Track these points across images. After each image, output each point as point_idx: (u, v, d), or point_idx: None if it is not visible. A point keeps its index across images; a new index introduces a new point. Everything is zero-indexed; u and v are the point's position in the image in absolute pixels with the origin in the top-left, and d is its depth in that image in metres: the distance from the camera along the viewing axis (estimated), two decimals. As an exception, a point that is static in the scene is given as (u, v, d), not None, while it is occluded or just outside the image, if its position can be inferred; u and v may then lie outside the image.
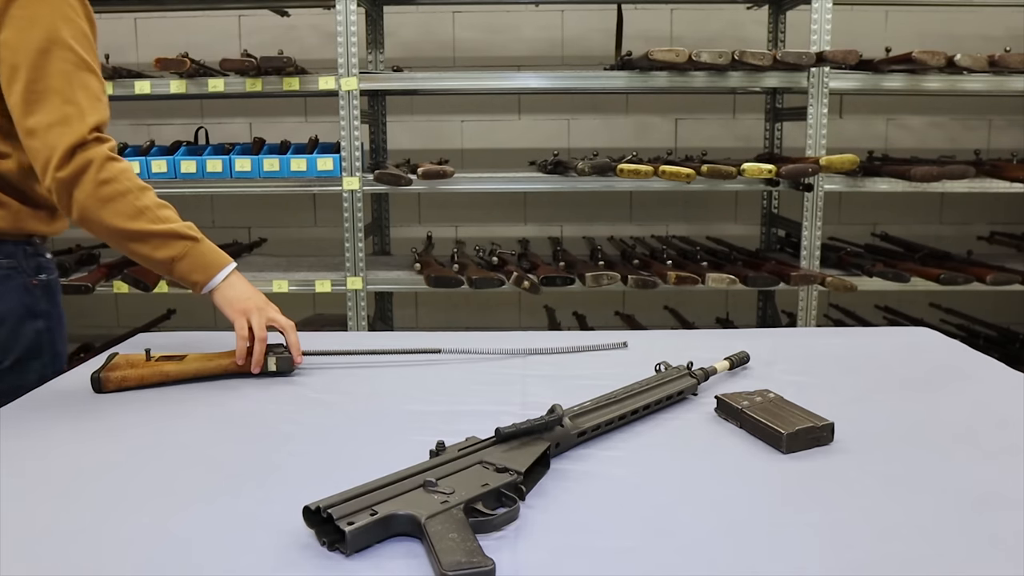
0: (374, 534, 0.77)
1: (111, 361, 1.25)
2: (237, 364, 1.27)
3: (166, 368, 1.24)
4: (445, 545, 0.73)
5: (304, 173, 2.74)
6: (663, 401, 1.13)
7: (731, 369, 1.28)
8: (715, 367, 1.24)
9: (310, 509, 0.77)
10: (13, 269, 1.37)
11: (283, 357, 1.28)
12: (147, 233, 1.29)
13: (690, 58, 2.60)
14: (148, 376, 1.23)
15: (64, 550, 0.77)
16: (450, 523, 0.77)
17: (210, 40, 3.32)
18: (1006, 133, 3.55)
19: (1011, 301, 3.30)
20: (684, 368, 1.19)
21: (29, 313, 1.39)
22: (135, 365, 1.24)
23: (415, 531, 0.77)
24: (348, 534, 0.74)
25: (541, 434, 0.94)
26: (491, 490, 0.83)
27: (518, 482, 0.85)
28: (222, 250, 1.39)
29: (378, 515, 0.77)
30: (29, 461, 0.96)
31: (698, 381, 1.19)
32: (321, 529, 0.77)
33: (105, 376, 1.21)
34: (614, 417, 1.05)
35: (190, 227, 1.35)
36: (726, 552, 0.75)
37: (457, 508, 0.79)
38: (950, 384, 1.23)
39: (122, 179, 1.28)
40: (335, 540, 0.76)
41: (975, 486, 0.88)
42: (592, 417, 1.02)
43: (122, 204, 1.27)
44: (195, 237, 1.35)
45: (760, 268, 2.85)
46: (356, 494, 0.79)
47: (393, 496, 0.80)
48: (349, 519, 0.76)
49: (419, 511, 0.78)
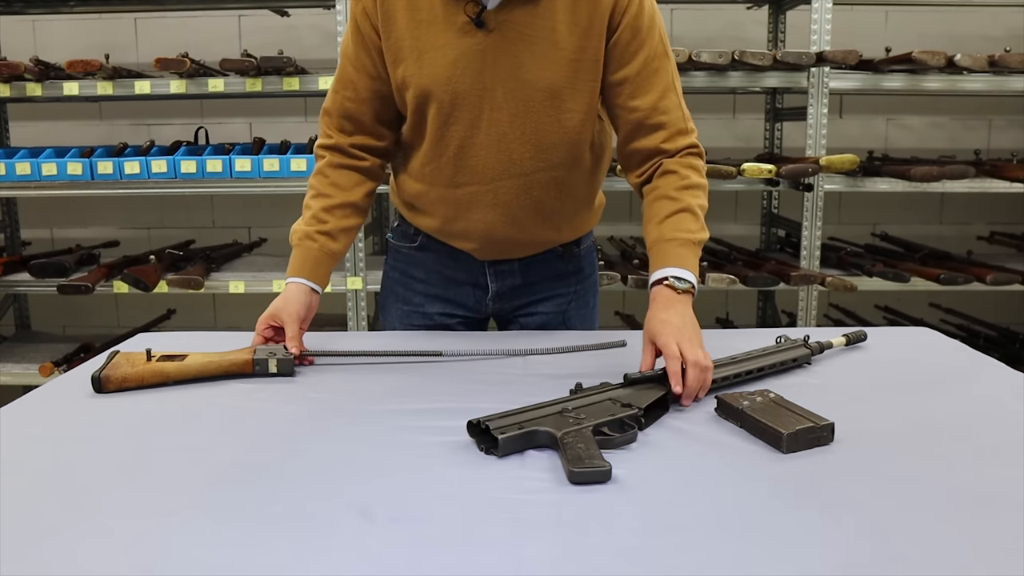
0: (520, 443, 0.97)
1: (112, 360, 1.25)
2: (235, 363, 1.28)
3: (166, 369, 1.24)
4: (574, 452, 0.92)
5: (304, 173, 2.73)
6: (777, 366, 1.25)
7: (847, 345, 1.38)
8: (831, 342, 1.35)
9: (472, 423, 1.00)
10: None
11: (284, 359, 1.28)
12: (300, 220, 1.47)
13: (690, 58, 2.60)
14: (148, 376, 1.23)
15: (65, 550, 0.77)
16: (579, 438, 0.95)
17: (210, 40, 3.32)
18: (1006, 133, 3.55)
19: (1011, 301, 3.30)
20: (801, 341, 1.31)
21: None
22: (135, 365, 1.23)
23: (552, 444, 0.97)
24: (500, 440, 0.96)
25: (662, 382, 1.12)
26: (616, 419, 1.02)
27: (638, 415, 1.04)
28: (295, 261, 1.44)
29: (524, 429, 0.98)
30: (29, 461, 0.96)
31: (812, 352, 1.30)
32: (480, 438, 0.99)
33: (106, 376, 1.21)
34: (729, 375, 1.19)
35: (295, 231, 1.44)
36: (726, 552, 0.75)
37: (586, 428, 0.98)
38: (950, 384, 1.23)
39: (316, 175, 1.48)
40: (490, 446, 0.97)
41: (975, 486, 0.88)
42: (720, 370, 1.17)
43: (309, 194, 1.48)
44: (292, 242, 1.45)
45: (760, 268, 2.85)
46: (509, 414, 1.01)
47: (537, 417, 1.01)
48: (502, 430, 0.97)
49: (556, 428, 0.98)
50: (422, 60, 1.32)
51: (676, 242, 1.29)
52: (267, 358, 1.28)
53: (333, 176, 1.45)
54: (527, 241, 1.50)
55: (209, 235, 3.51)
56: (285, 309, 1.35)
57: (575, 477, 0.89)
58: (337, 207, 1.43)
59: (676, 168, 1.35)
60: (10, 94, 2.79)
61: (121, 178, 2.75)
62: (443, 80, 1.32)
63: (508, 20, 1.28)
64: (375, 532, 0.79)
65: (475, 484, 0.89)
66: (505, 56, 1.30)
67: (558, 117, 1.35)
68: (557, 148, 1.38)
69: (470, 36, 1.29)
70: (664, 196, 1.33)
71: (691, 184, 1.34)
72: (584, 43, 1.30)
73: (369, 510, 0.83)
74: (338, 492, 0.88)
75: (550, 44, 1.29)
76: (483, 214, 1.43)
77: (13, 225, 3.40)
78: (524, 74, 1.31)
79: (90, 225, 3.60)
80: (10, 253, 3.23)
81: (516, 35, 1.29)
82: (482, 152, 1.37)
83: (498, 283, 1.54)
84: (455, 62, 1.31)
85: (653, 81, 1.33)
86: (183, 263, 3.00)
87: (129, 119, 3.51)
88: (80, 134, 3.47)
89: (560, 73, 1.31)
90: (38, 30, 3.46)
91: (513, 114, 1.34)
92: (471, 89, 1.32)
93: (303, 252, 1.41)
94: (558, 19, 1.28)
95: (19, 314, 3.51)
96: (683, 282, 1.24)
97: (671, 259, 1.27)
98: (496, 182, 1.39)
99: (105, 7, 3.33)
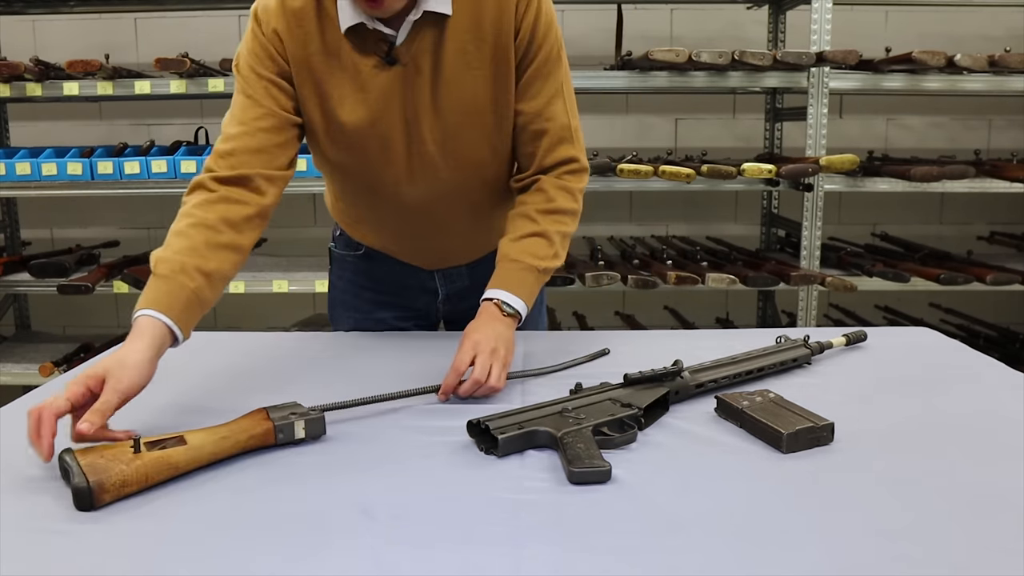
0: (520, 443, 0.98)
1: (83, 461, 0.87)
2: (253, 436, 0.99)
3: (174, 458, 0.91)
4: (574, 452, 0.92)
5: (304, 173, 2.73)
6: (776, 366, 1.26)
7: (847, 345, 1.38)
8: (831, 342, 1.35)
9: (472, 423, 1.00)
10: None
11: (312, 419, 1.02)
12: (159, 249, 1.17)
13: (690, 58, 2.60)
14: (154, 473, 0.89)
15: (65, 550, 0.77)
16: (579, 438, 0.96)
17: (210, 40, 3.32)
18: (1006, 133, 3.55)
19: (1011, 301, 3.30)
20: (801, 341, 1.31)
21: None
22: (127, 461, 0.88)
23: (552, 444, 0.98)
24: (500, 440, 0.96)
25: (663, 382, 1.12)
26: (615, 419, 1.02)
27: (638, 415, 1.04)
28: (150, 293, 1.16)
29: (524, 429, 0.98)
30: (29, 461, 0.96)
31: (812, 352, 1.31)
32: (480, 438, 0.99)
33: (98, 483, 0.84)
34: (729, 375, 1.19)
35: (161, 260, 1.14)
36: (726, 552, 0.75)
37: (586, 428, 0.98)
38: (950, 384, 1.23)
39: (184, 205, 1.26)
40: (490, 446, 0.97)
41: (975, 486, 0.88)
42: (709, 373, 1.17)
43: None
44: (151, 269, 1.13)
45: (760, 268, 2.85)
46: (509, 414, 1.01)
47: (537, 417, 1.01)
48: (502, 430, 0.97)
49: (556, 428, 0.98)
50: (342, 106, 1.29)
51: (519, 266, 1.28)
52: (291, 421, 1.00)
53: (223, 209, 1.21)
54: (472, 248, 1.52)
55: (209, 235, 3.50)
56: (119, 373, 0.99)
57: (575, 477, 0.89)
58: (224, 248, 1.17)
59: (547, 188, 1.33)
60: (10, 94, 2.79)
61: (121, 178, 2.75)
62: (367, 123, 1.29)
63: (419, 51, 1.26)
64: (376, 532, 0.79)
65: (475, 484, 0.89)
66: (422, 87, 1.28)
67: (485, 134, 1.34)
68: (489, 165, 1.38)
69: (385, 75, 1.27)
70: (525, 215, 1.32)
71: (556, 208, 1.32)
72: (495, 56, 1.28)
73: (370, 510, 0.83)
74: (339, 492, 0.88)
75: (463, 66, 1.27)
76: (424, 237, 1.46)
77: (13, 225, 3.40)
78: (443, 101, 1.29)
79: (90, 225, 3.60)
80: (10, 253, 3.23)
81: (429, 65, 1.27)
82: (416, 184, 1.36)
83: (447, 286, 1.55)
84: (375, 103, 1.28)
85: (541, 86, 1.31)
86: (183, 263, 3.00)
87: (129, 119, 3.51)
88: (80, 134, 3.47)
89: (479, 92, 1.30)
90: (38, 30, 3.46)
91: (440, 143, 1.32)
92: (395, 127, 1.30)
93: (175, 288, 1.09)
94: (465, 39, 1.26)
95: (19, 314, 3.51)
96: (510, 307, 1.25)
97: (509, 283, 1.27)
98: (432, 206, 1.40)
99: (105, 7, 3.33)
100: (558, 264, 1.32)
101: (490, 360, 1.16)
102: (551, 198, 1.33)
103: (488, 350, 1.17)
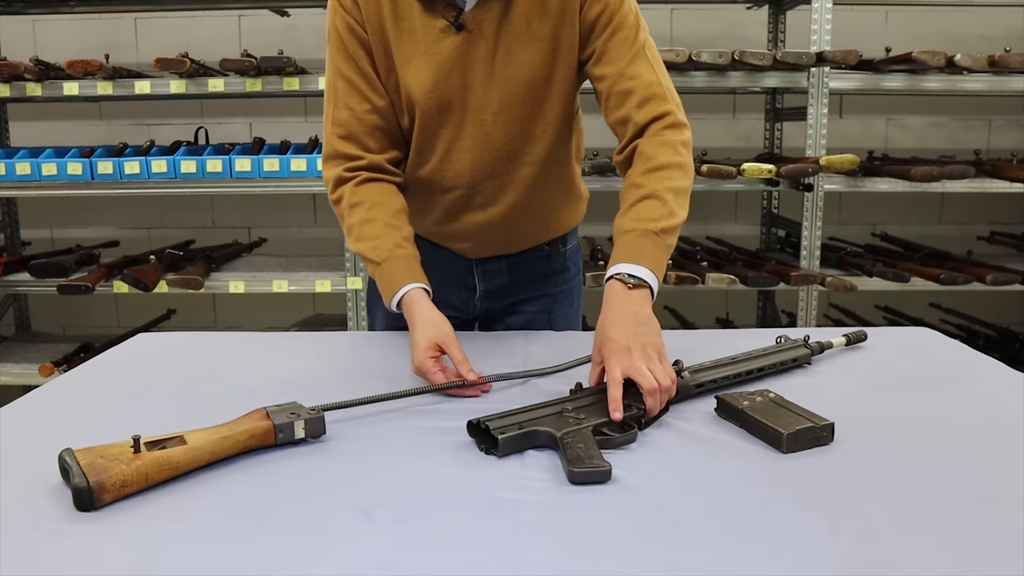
0: (520, 443, 0.98)
1: (84, 461, 0.87)
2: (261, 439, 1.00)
3: (174, 458, 0.91)
4: (574, 452, 0.92)
5: (304, 173, 2.74)
6: (776, 366, 1.25)
7: (848, 345, 1.38)
8: (831, 342, 1.35)
9: (472, 423, 1.00)
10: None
11: (312, 419, 1.02)
12: (356, 252, 1.36)
13: (690, 58, 2.60)
14: (154, 473, 0.89)
15: (65, 550, 0.77)
16: (579, 438, 0.96)
17: (210, 40, 3.32)
18: (1006, 133, 3.55)
19: (1011, 301, 3.30)
20: (801, 341, 1.31)
21: None
22: (128, 460, 0.88)
23: (552, 444, 0.98)
24: (500, 441, 0.96)
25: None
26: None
27: (638, 415, 1.04)
28: (394, 274, 1.30)
29: (524, 429, 0.98)
30: (29, 461, 0.96)
31: (812, 352, 1.31)
32: (480, 438, 0.99)
33: (98, 483, 0.84)
34: (729, 375, 1.18)
35: (376, 247, 1.31)
36: (726, 552, 0.75)
37: (586, 428, 0.99)
38: (950, 384, 1.23)
39: (338, 205, 1.38)
40: (490, 446, 0.97)
41: (975, 486, 0.88)
42: (710, 373, 1.17)
43: (343, 226, 1.38)
44: (375, 260, 1.32)
45: (760, 268, 2.85)
46: (509, 413, 1.01)
47: (537, 417, 1.01)
48: (502, 430, 0.97)
49: (556, 428, 0.98)
50: (406, 68, 1.33)
51: (635, 233, 1.19)
52: (291, 421, 1.00)
53: (373, 190, 1.35)
54: (517, 237, 1.51)
55: (209, 235, 3.51)
56: (440, 330, 1.21)
57: (575, 477, 0.89)
58: (400, 212, 1.35)
59: (646, 149, 1.28)
60: (10, 94, 2.79)
61: (121, 178, 2.75)
62: (429, 86, 1.32)
63: (485, 19, 1.29)
64: (376, 532, 0.79)
65: (475, 484, 0.89)
66: (486, 55, 1.31)
67: (540, 109, 1.35)
68: (540, 141, 1.38)
69: (451, 39, 1.30)
70: (631, 184, 1.26)
71: (658, 166, 1.25)
72: (557, 31, 1.30)
73: (370, 510, 0.83)
74: (339, 492, 0.88)
75: (527, 36, 1.30)
76: (472, 215, 1.44)
77: (13, 225, 3.40)
78: (505, 70, 1.31)
79: (90, 225, 3.60)
80: (10, 253, 3.23)
81: (494, 33, 1.30)
82: (467, 155, 1.37)
83: (486, 283, 1.55)
84: (439, 67, 1.31)
85: (619, 50, 1.31)
86: (183, 263, 3.01)
87: (129, 119, 3.51)
88: (80, 134, 3.47)
89: (539, 64, 1.32)
90: (38, 30, 3.46)
91: (496, 112, 1.34)
92: (455, 92, 1.33)
93: (402, 262, 1.30)
94: (530, 10, 1.29)
95: (19, 314, 3.51)
96: (635, 278, 1.16)
97: (628, 254, 1.18)
98: (482, 183, 1.40)
99: (105, 7, 3.33)
100: (678, 221, 1.22)
101: (641, 361, 1.07)
102: (651, 157, 1.26)
103: (635, 356, 1.07)
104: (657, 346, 1.10)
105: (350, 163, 1.36)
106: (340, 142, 1.36)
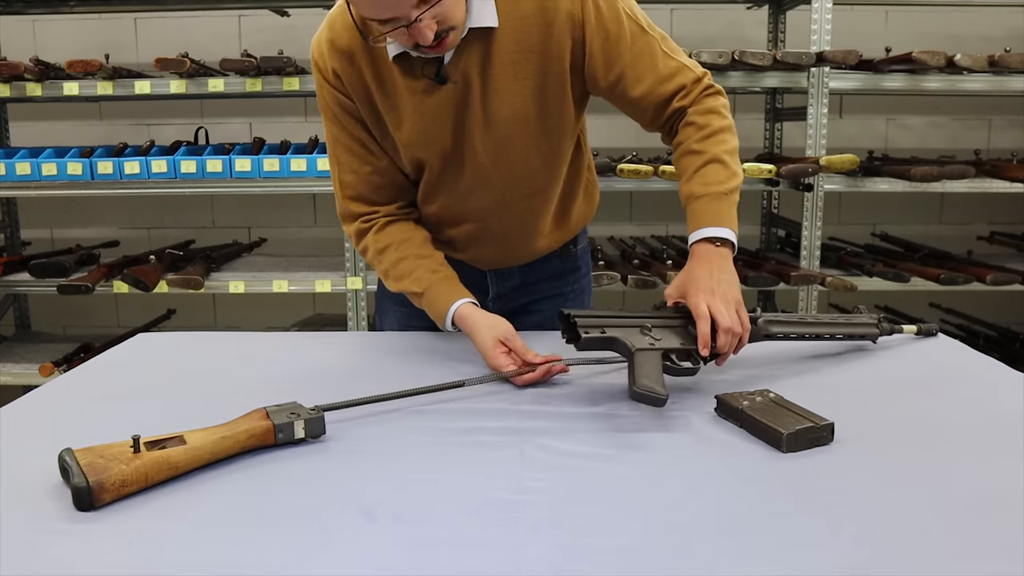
0: (599, 345, 1.10)
1: (83, 461, 0.87)
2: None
3: (174, 458, 0.91)
4: (642, 371, 1.00)
5: (304, 173, 2.74)
6: (844, 336, 1.31)
7: (917, 335, 1.42)
8: (902, 327, 1.40)
9: (563, 313, 1.13)
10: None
11: (312, 419, 1.01)
12: (399, 291, 1.42)
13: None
14: (154, 472, 0.89)
15: (65, 550, 0.76)
16: (651, 358, 1.04)
17: (210, 40, 3.32)
18: (1006, 133, 3.55)
19: (1011, 301, 3.30)
20: (875, 319, 1.35)
21: None
22: (127, 460, 0.88)
23: (625, 354, 1.07)
24: (583, 337, 1.08)
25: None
26: (684, 349, 1.12)
27: (713, 354, 1.12)
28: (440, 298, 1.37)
29: (605, 334, 1.09)
30: (29, 461, 0.96)
31: (881, 333, 1.34)
32: (567, 329, 1.11)
33: (98, 483, 0.84)
34: (801, 332, 1.26)
35: (416, 280, 1.38)
36: (726, 552, 0.75)
37: (659, 350, 1.07)
38: (950, 384, 1.23)
39: (366, 254, 1.46)
40: (574, 338, 1.10)
41: (975, 486, 0.88)
42: (781, 326, 1.25)
43: (378, 272, 1.47)
44: (418, 292, 1.39)
45: (760, 268, 2.85)
46: (597, 315, 1.12)
47: (620, 326, 1.10)
48: (587, 329, 1.08)
49: (633, 342, 1.07)
50: (400, 130, 1.34)
51: (707, 198, 1.27)
52: (291, 421, 1.00)
53: (394, 231, 1.42)
54: (527, 254, 1.54)
55: (209, 235, 3.51)
56: (499, 328, 1.28)
57: (634, 395, 0.98)
58: (425, 241, 1.42)
59: (694, 119, 1.33)
60: (10, 94, 2.79)
61: (121, 178, 2.75)
62: (424, 142, 1.34)
63: (468, 66, 1.28)
64: (376, 532, 0.79)
65: (475, 484, 0.89)
66: (474, 101, 1.31)
67: (535, 143, 1.36)
68: (540, 171, 1.40)
69: (437, 94, 1.30)
70: (688, 151, 1.31)
71: (712, 131, 1.31)
72: (544, 67, 1.30)
73: (370, 510, 0.83)
74: (339, 492, 0.88)
75: (511, 76, 1.29)
76: (479, 247, 1.49)
77: (13, 225, 3.40)
78: (496, 112, 1.32)
79: (90, 225, 3.60)
80: (10, 253, 3.23)
81: (478, 77, 1.29)
82: (471, 196, 1.41)
83: (498, 285, 1.57)
84: (431, 123, 1.32)
85: (643, 63, 1.32)
86: (183, 263, 3.01)
87: (129, 119, 3.51)
88: (80, 134, 3.47)
89: (527, 102, 1.32)
90: (38, 30, 3.46)
91: (493, 155, 1.35)
92: (451, 142, 1.34)
93: (442, 284, 1.37)
94: (512, 50, 1.28)
95: (19, 314, 3.51)
96: (719, 239, 1.24)
97: (706, 219, 1.26)
98: (490, 217, 1.44)
99: (105, 7, 3.33)
100: (739, 181, 1.30)
101: (721, 304, 1.15)
102: (702, 125, 1.31)
103: (717, 297, 1.15)
104: (737, 298, 1.19)
105: (365, 217, 1.43)
106: (351, 203, 1.44)
